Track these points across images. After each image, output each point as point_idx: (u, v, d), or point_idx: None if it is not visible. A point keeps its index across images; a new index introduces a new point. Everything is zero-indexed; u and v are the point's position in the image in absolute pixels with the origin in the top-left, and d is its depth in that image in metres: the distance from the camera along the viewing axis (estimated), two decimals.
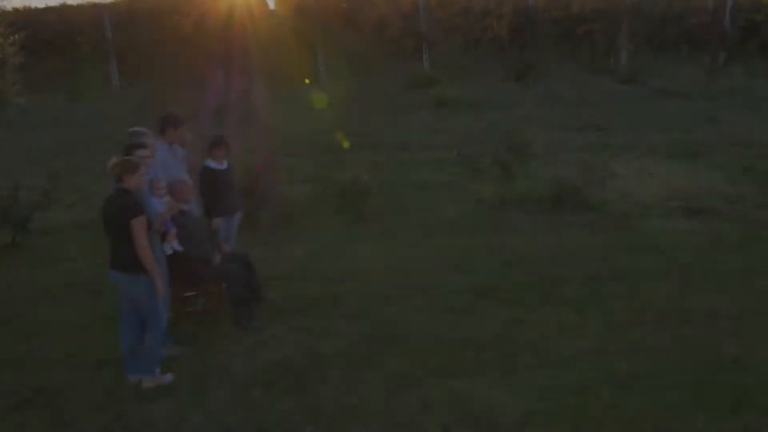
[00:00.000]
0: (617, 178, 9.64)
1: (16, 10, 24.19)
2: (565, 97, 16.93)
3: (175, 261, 5.69)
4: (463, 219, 8.24)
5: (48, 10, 22.83)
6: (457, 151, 8.77)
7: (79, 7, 21.69)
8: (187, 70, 20.55)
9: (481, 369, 5.05)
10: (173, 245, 5.39)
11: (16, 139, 14.15)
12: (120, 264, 4.85)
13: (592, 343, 5.36)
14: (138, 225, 4.73)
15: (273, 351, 5.42)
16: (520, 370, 5.02)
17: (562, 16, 22.99)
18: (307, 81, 19.32)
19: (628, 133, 12.97)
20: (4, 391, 5.06)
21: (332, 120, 14.63)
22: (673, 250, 7.18)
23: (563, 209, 8.41)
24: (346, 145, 9.95)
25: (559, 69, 20.77)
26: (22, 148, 13.15)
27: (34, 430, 4.64)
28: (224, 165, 6.49)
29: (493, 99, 16.87)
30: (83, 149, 12.92)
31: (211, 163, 6.40)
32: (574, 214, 8.28)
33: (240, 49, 21.09)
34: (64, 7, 23.62)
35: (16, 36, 7.63)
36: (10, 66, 7.49)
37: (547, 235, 7.64)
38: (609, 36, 20.39)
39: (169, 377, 5.11)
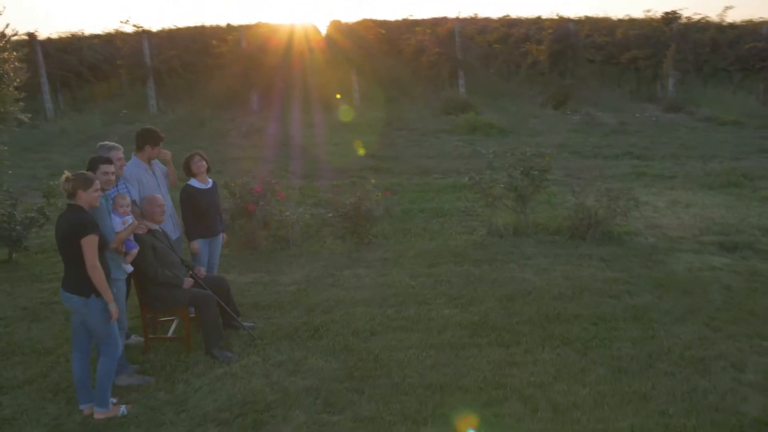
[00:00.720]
0: (648, 208, 8.93)
1: (72, 35, 25.08)
2: (604, 125, 16.20)
3: (142, 283, 5.37)
4: (472, 248, 7.67)
5: (95, 36, 23.56)
6: (470, 176, 8.23)
7: (123, 33, 22.25)
8: (225, 95, 20.77)
9: (460, 417, 4.49)
10: (125, 267, 5.04)
11: (48, 158, 14.34)
12: (71, 285, 4.54)
13: (592, 392, 4.72)
14: (88, 244, 4.40)
15: (239, 385, 4.99)
16: (504, 421, 4.43)
17: (606, 42, 22.29)
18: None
19: (668, 162, 12.17)
20: None
21: (359, 143, 14.36)
22: (702, 288, 6.44)
23: (582, 240, 7.76)
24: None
25: (601, 96, 20.05)
26: (49, 166, 13.28)
27: None
28: (208, 184, 6.17)
29: (528, 125, 16.28)
30: None
31: (194, 182, 6.08)
32: (594, 246, 7.61)
33: (279, 73, 21.21)
34: (112, 34, 24.41)
35: (18, 53, 7.54)
36: (9, 81, 7.41)
37: (560, 268, 7.00)
38: (654, 63, 19.54)
39: (123, 410, 4.73)
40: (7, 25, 7.44)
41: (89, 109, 21.13)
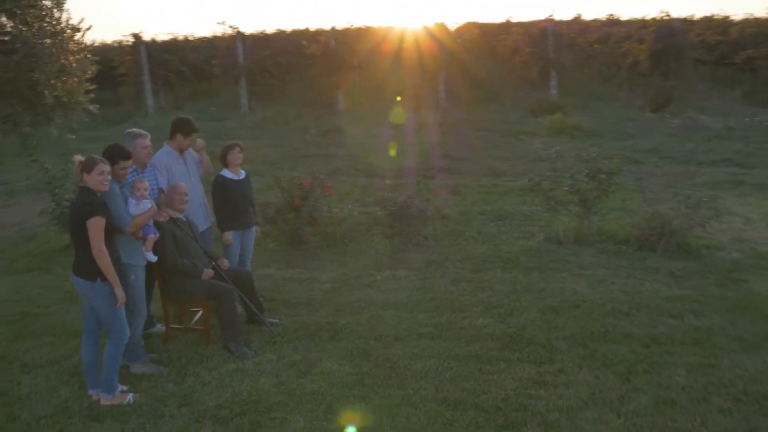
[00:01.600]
0: (738, 220, 7.94)
1: (184, 38, 26.35)
2: (707, 129, 14.82)
3: (163, 272, 5.31)
4: (525, 254, 7.10)
5: (199, 39, 24.64)
6: (530, 177, 7.66)
7: (225, 36, 23.07)
8: (313, 95, 21.06)
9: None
10: (148, 256, 4.97)
11: None
12: (79, 269, 4.52)
13: (626, 424, 4.11)
14: (94, 225, 4.36)
15: (247, 382, 4.79)
16: None
17: (719, 41, 20.50)
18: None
19: None
20: None
21: (433, 143, 13.99)
22: None
23: (652, 252, 6.97)
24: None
25: (709, 99, 18.42)
26: None
27: None
28: (241, 175, 6.06)
29: (621, 129, 15.20)
30: None
31: (226, 173, 5.98)
32: (665, 258, 6.82)
33: (368, 74, 21.25)
34: (218, 36, 25.37)
35: (85, 41, 7.85)
36: (72, 71, 7.71)
37: (619, 281, 6.30)
38: None
39: (130, 398, 4.66)
40: (82, 20, 7.71)
41: (188, 107, 22.09)
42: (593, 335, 5.23)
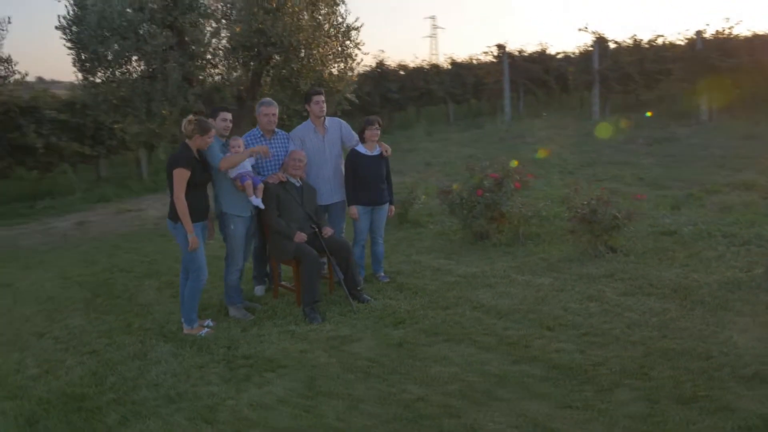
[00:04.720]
0: None
1: (547, 50, 26.60)
2: None
3: (266, 230, 5.75)
4: (714, 286, 5.15)
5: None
6: None
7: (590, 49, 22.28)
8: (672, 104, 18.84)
9: None
10: (253, 198, 5.41)
11: (452, 150, 15.81)
12: (169, 209, 5.28)
13: None
14: (178, 175, 5.04)
15: (284, 343, 4.89)
16: None
17: None
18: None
19: None
20: (118, 309, 6.12)
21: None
22: None
23: None
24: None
25: None
26: (421, 162, 14.68)
27: (101, 323, 5.60)
28: (376, 151, 6.06)
29: None
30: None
31: (360, 148, 6.07)
32: None
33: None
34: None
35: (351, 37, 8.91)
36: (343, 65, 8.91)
37: None
38: None
39: (203, 333, 5.25)
40: (357, 19, 8.74)
41: (533, 114, 22.04)
42: (681, 397, 3.61)
